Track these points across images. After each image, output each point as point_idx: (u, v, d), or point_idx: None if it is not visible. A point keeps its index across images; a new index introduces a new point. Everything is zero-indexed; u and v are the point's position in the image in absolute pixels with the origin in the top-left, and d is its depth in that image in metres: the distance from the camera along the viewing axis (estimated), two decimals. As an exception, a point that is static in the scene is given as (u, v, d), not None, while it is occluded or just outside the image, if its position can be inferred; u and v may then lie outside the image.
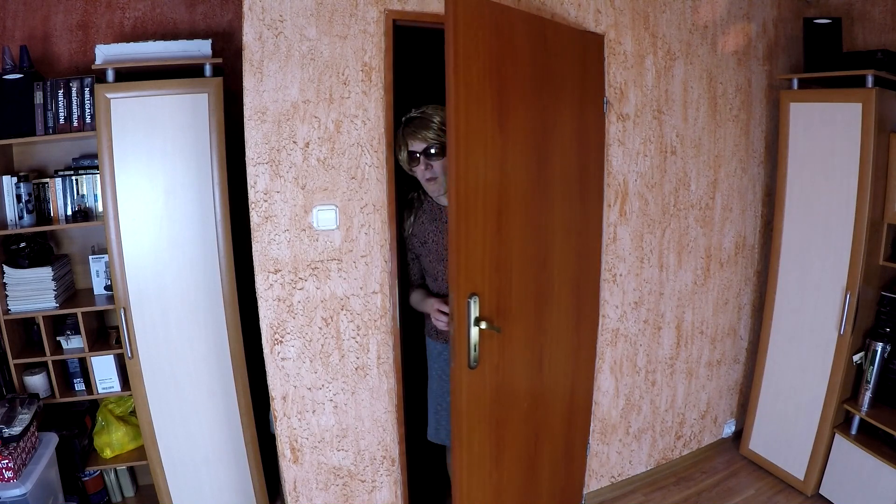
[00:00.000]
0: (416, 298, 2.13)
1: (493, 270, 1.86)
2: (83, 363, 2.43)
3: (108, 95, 2.05)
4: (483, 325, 1.75)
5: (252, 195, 1.87)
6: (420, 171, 1.95)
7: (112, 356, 2.40)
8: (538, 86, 1.97)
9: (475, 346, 1.73)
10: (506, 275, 1.92)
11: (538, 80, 1.97)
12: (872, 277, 2.42)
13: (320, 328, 2.00)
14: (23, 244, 2.29)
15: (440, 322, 1.94)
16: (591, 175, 2.27)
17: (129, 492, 2.67)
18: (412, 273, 2.15)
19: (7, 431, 2.04)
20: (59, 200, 2.37)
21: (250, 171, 1.85)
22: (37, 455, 2.15)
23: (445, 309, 1.91)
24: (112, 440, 2.48)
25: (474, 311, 1.71)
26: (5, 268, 2.27)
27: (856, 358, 2.45)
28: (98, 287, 2.49)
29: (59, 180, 2.36)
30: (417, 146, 1.90)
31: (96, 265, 2.47)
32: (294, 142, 1.87)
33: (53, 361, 2.35)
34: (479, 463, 1.93)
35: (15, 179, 2.25)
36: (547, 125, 2.02)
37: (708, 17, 2.56)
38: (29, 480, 2.01)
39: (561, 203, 2.13)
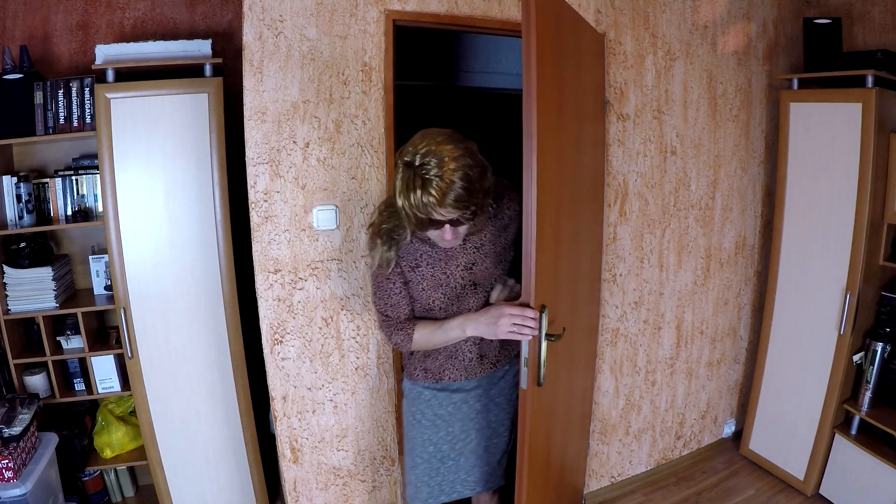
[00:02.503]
0: (427, 332, 1.62)
1: (553, 279, 1.72)
2: (83, 363, 2.43)
3: (108, 95, 2.05)
4: (553, 339, 1.59)
5: (252, 195, 1.87)
6: (438, 234, 1.46)
7: (112, 356, 2.40)
8: (577, 86, 1.87)
9: (544, 361, 1.57)
10: (559, 283, 1.79)
11: (577, 79, 1.87)
12: (872, 277, 2.42)
13: (320, 328, 2.00)
14: (23, 244, 2.29)
15: (521, 329, 1.48)
16: (595, 175, 2.26)
17: (129, 492, 2.67)
18: (396, 308, 1.64)
19: (7, 431, 2.04)
20: (59, 200, 2.37)
21: (250, 171, 1.85)
22: (37, 455, 2.15)
23: (520, 311, 1.47)
24: (112, 440, 2.48)
25: (545, 325, 1.54)
26: (5, 268, 2.27)
27: (856, 358, 2.45)
28: (98, 287, 2.48)
29: (59, 180, 2.36)
30: (451, 214, 1.38)
31: (96, 265, 2.47)
32: (294, 142, 1.87)
33: (53, 361, 2.35)
34: (536, 479, 1.79)
35: (15, 179, 2.25)
36: (581, 127, 1.94)
37: (708, 17, 2.56)
38: (29, 480, 2.01)
39: (586, 205, 2.07)
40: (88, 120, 2.26)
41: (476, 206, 1.37)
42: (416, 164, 1.30)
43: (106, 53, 2.11)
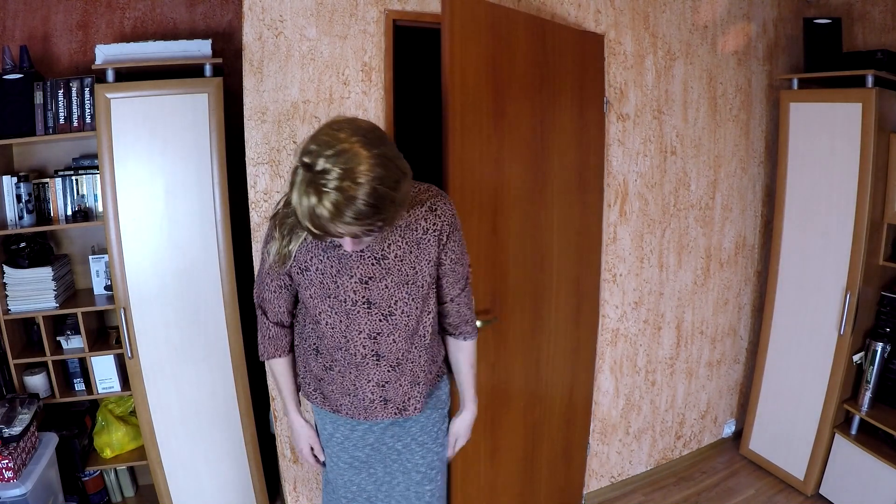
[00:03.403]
0: (280, 375, 1.53)
1: (489, 269, 1.88)
2: (83, 363, 2.43)
3: (108, 95, 2.05)
4: (479, 323, 1.74)
5: (252, 195, 1.87)
6: (339, 242, 1.22)
7: (112, 356, 2.39)
8: (536, 86, 1.98)
9: None
10: (501, 275, 1.93)
11: (536, 80, 1.97)
12: (872, 277, 2.42)
13: (320, 328, 2.00)
14: (23, 244, 2.29)
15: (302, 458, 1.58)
16: (591, 175, 2.28)
17: (129, 492, 2.67)
18: (270, 304, 1.45)
19: (7, 431, 2.03)
20: (59, 200, 2.37)
21: (250, 171, 1.85)
22: (37, 455, 2.14)
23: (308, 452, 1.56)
24: (112, 440, 2.47)
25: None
26: (5, 268, 2.27)
27: (856, 358, 2.45)
28: (98, 287, 2.48)
29: (59, 180, 2.36)
30: (350, 231, 1.11)
31: (96, 265, 2.47)
32: (294, 142, 1.87)
33: (53, 361, 2.35)
34: (474, 458, 1.95)
35: (15, 179, 2.24)
36: (545, 125, 2.03)
37: (708, 17, 2.56)
38: (29, 480, 2.01)
39: (560, 203, 2.13)
40: (88, 120, 2.26)
41: (383, 220, 1.12)
42: (317, 168, 1.04)
43: (106, 53, 2.11)
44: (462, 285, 1.45)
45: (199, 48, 2.18)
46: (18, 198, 2.25)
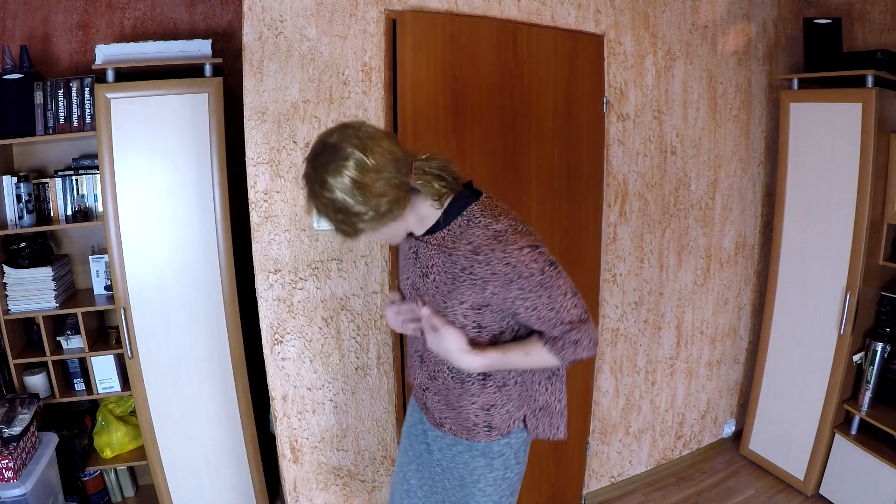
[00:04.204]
0: None
1: None
2: (83, 363, 2.43)
3: (108, 95, 2.05)
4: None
5: (252, 195, 1.87)
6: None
7: (112, 356, 2.40)
8: (506, 90, 2.04)
9: None
10: None
11: (506, 84, 2.03)
12: (872, 277, 2.42)
13: (320, 328, 2.00)
14: (23, 244, 2.29)
15: (390, 319, 1.44)
16: (588, 175, 2.29)
17: (129, 492, 2.67)
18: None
19: (7, 431, 2.03)
20: (59, 200, 2.37)
21: (250, 171, 1.85)
22: (37, 455, 2.14)
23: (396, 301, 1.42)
24: (112, 440, 2.48)
25: None
26: (5, 268, 2.27)
27: (856, 358, 2.45)
28: (98, 287, 2.48)
29: (59, 180, 2.36)
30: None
31: (96, 265, 2.47)
32: (294, 142, 1.87)
33: (53, 361, 2.35)
34: None
35: (15, 179, 2.25)
36: (519, 127, 2.08)
37: (708, 17, 2.56)
38: (29, 480, 2.01)
39: (539, 202, 2.17)
40: (88, 120, 2.26)
41: (317, 204, 1.16)
42: (305, 168, 1.18)
43: (106, 53, 2.11)
44: (565, 329, 1.22)
45: (199, 48, 2.18)
46: (18, 198, 2.25)
